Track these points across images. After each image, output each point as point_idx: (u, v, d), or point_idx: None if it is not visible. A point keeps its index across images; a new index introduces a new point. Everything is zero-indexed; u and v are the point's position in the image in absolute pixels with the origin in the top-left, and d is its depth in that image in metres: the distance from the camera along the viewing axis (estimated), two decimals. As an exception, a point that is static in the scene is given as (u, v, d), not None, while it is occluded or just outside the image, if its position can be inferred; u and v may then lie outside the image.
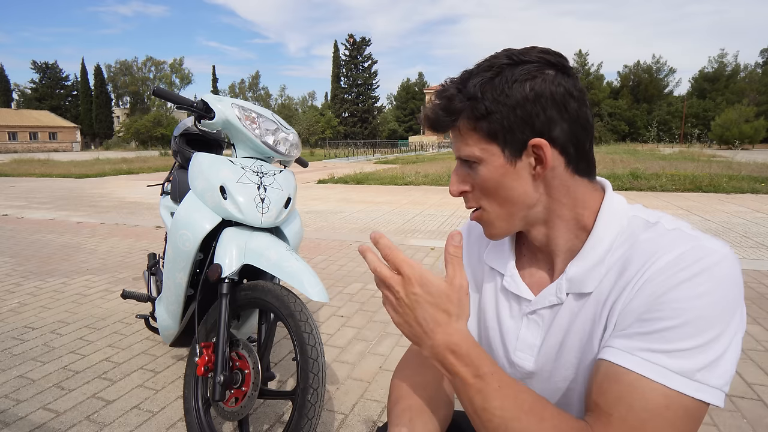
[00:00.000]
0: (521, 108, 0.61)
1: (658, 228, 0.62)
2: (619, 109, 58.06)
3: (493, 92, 0.61)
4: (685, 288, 0.55)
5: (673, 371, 0.53)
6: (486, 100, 0.62)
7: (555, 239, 0.69)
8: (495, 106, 0.61)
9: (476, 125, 0.63)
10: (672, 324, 0.54)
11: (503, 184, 0.65)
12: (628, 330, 0.58)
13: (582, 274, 0.65)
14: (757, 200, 7.87)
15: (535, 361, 0.70)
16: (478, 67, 0.64)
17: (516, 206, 0.67)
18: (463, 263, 0.61)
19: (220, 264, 1.45)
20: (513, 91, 0.61)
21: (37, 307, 3.06)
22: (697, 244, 0.57)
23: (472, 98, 0.62)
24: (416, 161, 20.96)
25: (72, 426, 1.75)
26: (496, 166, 0.65)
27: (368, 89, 66.58)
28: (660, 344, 0.55)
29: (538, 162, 0.63)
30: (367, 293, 3.29)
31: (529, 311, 0.71)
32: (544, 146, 0.62)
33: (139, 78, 67.64)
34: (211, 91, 36.19)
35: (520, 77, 0.61)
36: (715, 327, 0.54)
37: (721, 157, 20.91)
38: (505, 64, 0.62)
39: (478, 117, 0.63)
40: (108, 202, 8.54)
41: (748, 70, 59.83)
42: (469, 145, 0.65)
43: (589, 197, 0.67)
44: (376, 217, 6.62)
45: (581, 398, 0.66)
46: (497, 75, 0.62)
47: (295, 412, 1.33)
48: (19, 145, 53.27)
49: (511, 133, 0.62)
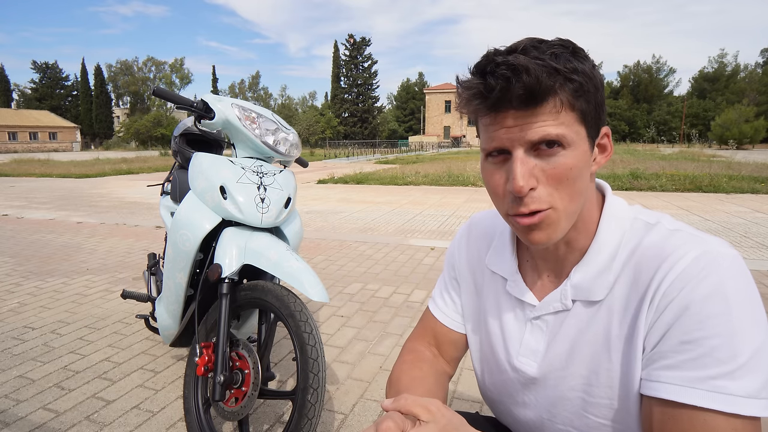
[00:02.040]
0: (600, 93, 0.57)
1: (660, 229, 0.61)
2: (619, 109, 58.09)
3: (583, 67, 0.55)
4: (717, 299, 0.52)
5: (741, 396, 0.50)
6: (581, 73, 0.54)
7: (568, 243, 0.66)
8: (589, 84, 0.55)
9: (575, 102, 0.55)
10: (719, 341, 0.51)
11: (582, 173, 0.58)
12: (675, 358, 0.54)
13: (588, 280, 0.64)
14: (757, 200, 7.87)
15: (539, 367, 0.69)
16: (540, 43, 0.55)
17: (580, 201, 0.60)
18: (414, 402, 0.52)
19: (220, 264, 1.45)
20: (595, 74, 0.56)
21: (37, 307, 3.06)
22: (705, 247, 0.56)
23: (570, 70, 0.53)
24: (416, 161, 20.96)
25: (72, 426, 1.75)
26: (582, 153, 0.57)
27: (368, 89, 66.59)
28: (717, 367, 0.51)
29: (601, 151, 0.61)
30: (367, 293, 3.29)
31: (533, 317, 0.70)
32: (609, 134, 0.60)
33: (139, 78, 67.59)
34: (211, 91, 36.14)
35: (591, 61, 0.56)
36: (759, 328, 0.52)
37: (721, 157, 20.90)
38: (573, 46, 0.56)
39: (578, 92, 0.55)
40: (108, 202, 8.53)
41: (748, 70, 59.94)
42: (563, 124, 0.55)
43: (595, 199, 0.66)
44: (376, 217, 6.62)
45: (584, 409, 0.65)
46: (574, 53, 0.55)
47: (295, 412, 1.33)
48: (19, 145, 53.26)
49: (596, 118, 0.58)
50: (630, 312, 0.60)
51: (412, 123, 74.18)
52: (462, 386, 2.04)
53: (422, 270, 3.86)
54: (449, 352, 0.84)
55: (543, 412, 0.71)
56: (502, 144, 0.57)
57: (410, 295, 3.25)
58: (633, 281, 0.60)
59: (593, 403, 0.64)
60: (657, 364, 0.56)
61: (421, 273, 3.77)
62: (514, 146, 0.57)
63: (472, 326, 0.82)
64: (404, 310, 2.95)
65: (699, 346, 0.52)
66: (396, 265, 4.03)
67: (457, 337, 0.84)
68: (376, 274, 3.74)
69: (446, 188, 10.55)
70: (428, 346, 0.85)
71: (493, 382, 0.78)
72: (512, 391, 0.75)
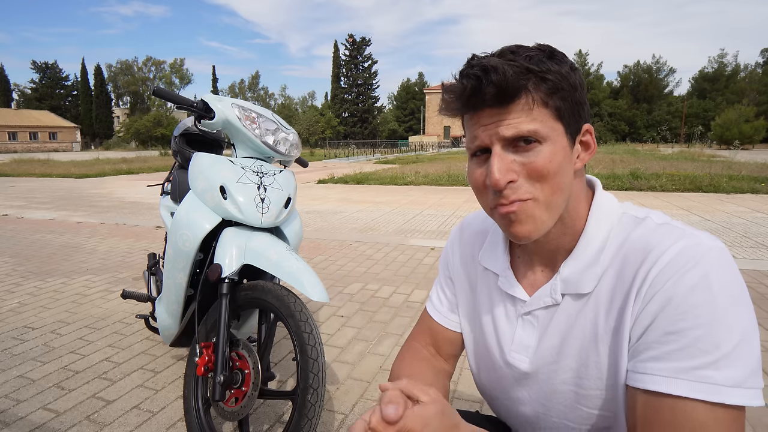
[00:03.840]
0: (579, 92, 0.60)
1: (648, 223, 0.62)
2: (619, 109, 58.14)
3: (559, 68, 0.58)
4: (701, 289, 0.53)
5: (726, 385, 0.50)
6: (555, 73, 0.58)
7: (557, 238, 0.67)
8: (564, 83, 0.58)
9: (549, 99, 0.58)
10: (703, 331, 0.52)
11: (563, 168, 0.60)
12: (659, 349, 0.54)
13: (576, 274, 0.65)
14: (757, 200, 7.87)
15: (531, 362, 0.70)
16: (518, 47, 0.60)
17: (563, 196, 0.62)
18: (418, 386, 0.55)
19: (220, 264, 1.45)
20: (572, 75, 0.59)
21: (37, 307, 3.06)
22: (691, 240, 0.57)
23: (542, 70, 0.57)
24: (416, 161, 20.96)
25: (72, 426, 1.75)
26: (560, 148, 0.60)
27: (368, 89, 66.61)
28: (701, 357, 0.51)
29: (584, 149, 0.63)
30: (367, 293, 3.29)
31: (524, 312, 0.71)
32: (592, 131, 0.62)
33: (139, 78, 67.63)
34: (211, 91, 36.19)
35: (569, 63, 0.60)
36: (744, 317, 0.52)
37: (721, 157, 20.90)
38: (549, 50, 0.60)
39: (552, 90, 0.58)
40: (108, 202, 8.53)
41: (748, 70, 59.98)
42: (536, 120, 0.58)
43: (584, 195, 0.67)
44: (376, 217, 6.62)
45: (577, 402, 0.66)
46: (550, 56, 0.59)
47: (295, 412, 1.33)
48: (19, 145, 53.27)
49: (574, 115, 0.60)
50: (616, 304, 0.61)
51: (412, 123, 74.17)
52: (462, 386, 2.04)
53: (422, 270, 3.86)
54: (447, 350, 0.85)
55: (537, 406, 0.72)
56: (482, 141, 0.61)
57: (410, 295, 3.25)
58: (619, 273, 0.61)
59: (585, 395, 0.65)
60: (642, 355, 0.56)
61: (421, 273, 3.77)
62: (492, 142, 0.60)
63: (468, 324, 0.83)
64: (404, 310, 2.95)
65: (683, 337, 0.53)
66: (396, 265, 4.03)
67: (454, 336, 0.85)
68: (376, 274, 3.74)
69: (446, 188, 10.55)
70: (426, 345, 0.86)
71: (488, 378, 0.79)
72: (507, 387, 0.76)
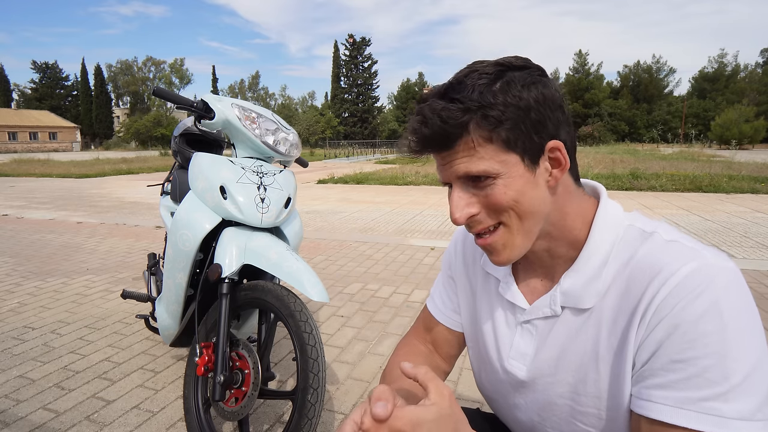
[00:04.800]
0: (535, 111, 0.57)
1: (656, 239, 0.60)
2: (619, 109, 58.05)
3: (505, 96, 0.56)
4: (711, 317, 0.51)
5: (734, 418, 0.49)
6: (499, 105, 0.56)
7: (554, 251, 0.66)
8: (510, 110, 0.56)
9: (492, 134, 0.57)
10: (712, 361, 0.50)
11: (525, 194, 0.59)
12: (665, 377, 0.53)
13: (578, 288, 0.63)
14: (757, 200, 7.87)
15: (528, 371, 0.69)
16: (466, 77, 0.58)
17: (536, 218, 0.61)
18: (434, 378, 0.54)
19: (220, 264, 1.45)
20: (524, 94, 0.57)
21: (37, 307, 3.06)
22: (701, 262, 0.54)
23: (482, 105, 0.56)
24: (416, 161, 20.94)
25: (72, 426, 1.75)
26: (516, 177, 0.59)
27: (368, 89, 66.55)
28: (709, 388, 0.50)
29: (555, 166, 0.61)
30: (367, 293, 3.29)
31: (523, 320, 0.70)
32: (561, 147, 0.59)
33: (139, 78, 67.58)
34: (211, 91, 36.13)
35: (525, 81, 0.57)
36: (754, 347, 0.50)
37: (721, 157, 20.90)
38: (500, 71, 0.58)
39: (494, 125, 0.56)
40: (108, 202, 8.53)
41: (748, 70, 59.94)
42: (484, 159, 0.58)
43: (585, 205, 0.66)
44: (376, 217, 6.62)
45: (573, 416, 0.65)
46: (496, 80, 0.57)
47: (295, 412, 1.33)
48: (19, 145, 53.29)
49: (530, 139, 0.58)
50: (620, 324, 0.59)
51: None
52: (462, 386, 2.04)
53: (422, 270, 3.86)
54: (445, 349, 0.85)
55: (533, 414, 0.71)
56: (443, 178, 0.63)
57: (410, 295, 3.25)
58: (624, 292, 0.59)
59: (581, 412, 0.64)
60: (647, 381, 0.55)
61: (421, 273, 3.77)
62: (451, 179, 0.62)
63: (469, 325, 0.82)
64: (404, 310, 2.95)
65: (691, 366, 0.51)
66: (396, 265, 4.03)
67: (454, 335, 0.84)
68: (376, 274, 3.74)
69: (446, 188, 10.54)
70: (424, 342, 0.86)
71: (488, 380, 0.79)
72: (504, 392, 0.76)
